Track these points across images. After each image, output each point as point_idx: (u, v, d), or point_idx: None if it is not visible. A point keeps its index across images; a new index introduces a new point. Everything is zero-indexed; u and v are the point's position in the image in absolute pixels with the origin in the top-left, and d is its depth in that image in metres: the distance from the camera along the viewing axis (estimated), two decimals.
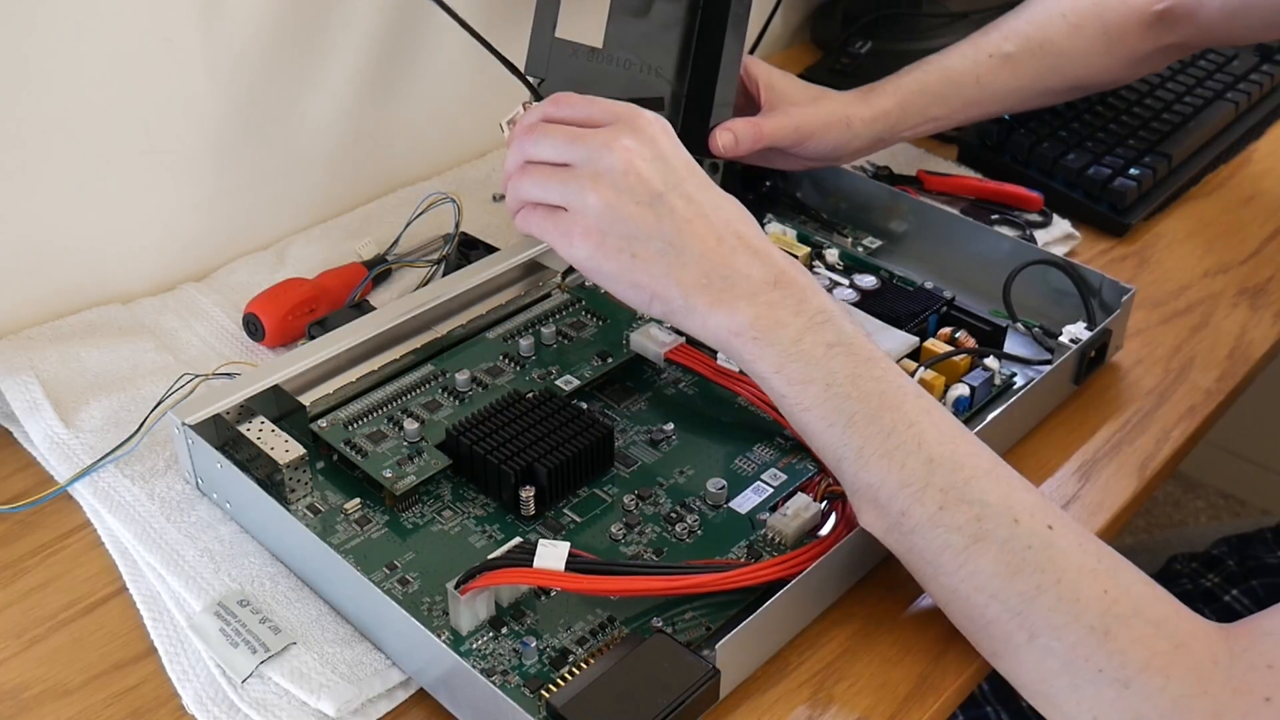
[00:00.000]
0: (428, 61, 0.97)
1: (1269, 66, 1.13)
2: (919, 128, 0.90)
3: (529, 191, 0.65)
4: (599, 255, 0.63)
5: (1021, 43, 0.91)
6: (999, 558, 0.56)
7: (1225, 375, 0.82)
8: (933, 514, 0.57)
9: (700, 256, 0.62)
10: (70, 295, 0.83)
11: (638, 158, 0.62)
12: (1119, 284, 0.80)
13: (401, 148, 0.99)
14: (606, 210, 0.62)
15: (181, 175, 0.86)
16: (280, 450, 0.67)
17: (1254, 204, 1.01)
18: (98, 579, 0.67)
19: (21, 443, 0.75)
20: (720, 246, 0.62)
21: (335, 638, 0.62)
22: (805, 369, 0.60)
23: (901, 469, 0.58)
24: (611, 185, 0.62)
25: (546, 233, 0.65)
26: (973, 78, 0.90)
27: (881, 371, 0.60)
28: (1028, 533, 0.56)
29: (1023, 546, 0.56)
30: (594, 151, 0.63)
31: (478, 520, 0.67)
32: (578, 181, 0.63)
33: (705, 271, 0.62)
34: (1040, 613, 0.55)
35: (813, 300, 0.61)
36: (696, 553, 0.65)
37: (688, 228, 0.62)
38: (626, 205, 0.62)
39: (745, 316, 0.61)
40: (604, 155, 0.63)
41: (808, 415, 0.61)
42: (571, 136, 0.64)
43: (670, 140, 0.64)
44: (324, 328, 0.78)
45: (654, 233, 0.62)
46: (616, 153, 0.62)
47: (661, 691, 0.55)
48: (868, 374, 0.60)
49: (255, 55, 0.85)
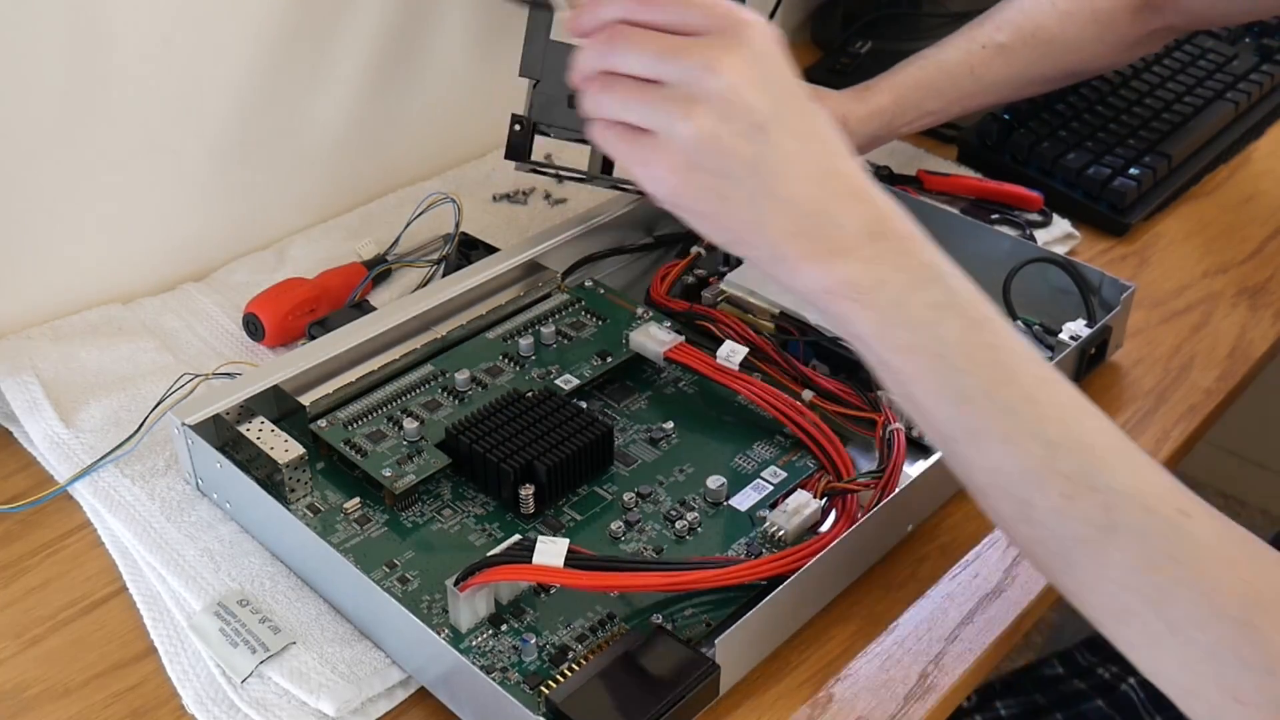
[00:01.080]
0: (428, 61, 0.97)
1: (1269, 66, 1.13)
2: (915, 123, 0.90)
3: (609, 109, 0.55)
4: (684, 191, 0.55)
5: (1014, 32, 0.92)
6: (1131, 550, 0.51)
7: (1225, 375, 0.82)
8: (1057, 504, 0.52)
9: (795, 201, 0.53)
10: (70, 295, 0.83)
11: (744, 81, 0.53)
12: (1119, 281, 0.80)
13: (401, 148, 0.99)
14: (701, 142, 0.53)
15: (181, 175, 0.86)
16: (280, 450, 0.67)
17: (1254, 204, 1.01)
18: (98, 579, 0.67)
19: (21, 443, 0.75)
20: (820, 190, 0.54)
21: (335, 637, 0.62)
22: (910, 334, 0.53)
23: (1021, 453, 0.52)
24: (711, 113, 0.53)
25: (626, 158, 0.56)
26: (967, 69, 0.91)
27: (995, 336, 0.53)
28: (1162, 522, 0.51)
29: (1158, 536, 0.51)
30: (693, 72, 0.53)
31: (477, 519, 0.67)
32: (671, 105, 0.53)
33: (799, 218, 0.53)
34: (1179, 606, 0.50)
35: (919, 253, 0.54)
36: (696, 550, 0.65)
37: (787, 167, 0.53)
38: (725, 137, 0.53)
39: (841, 273, 0.53)
40: (705, 77, 0.53)
41: (914, 388, 0.54)
42: (664, 50, 0.54)
43: (780, 55, 0.54)
44: (324, 328, 0.78)
45: (750, 171, 0.53)
46: (721, 74, 0.53)
47: (661, 687, 0.55)
48: (980, 340, 0.53)
49: (255, 55, 0.86)
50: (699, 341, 0.76)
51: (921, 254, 0.54)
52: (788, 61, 0.54)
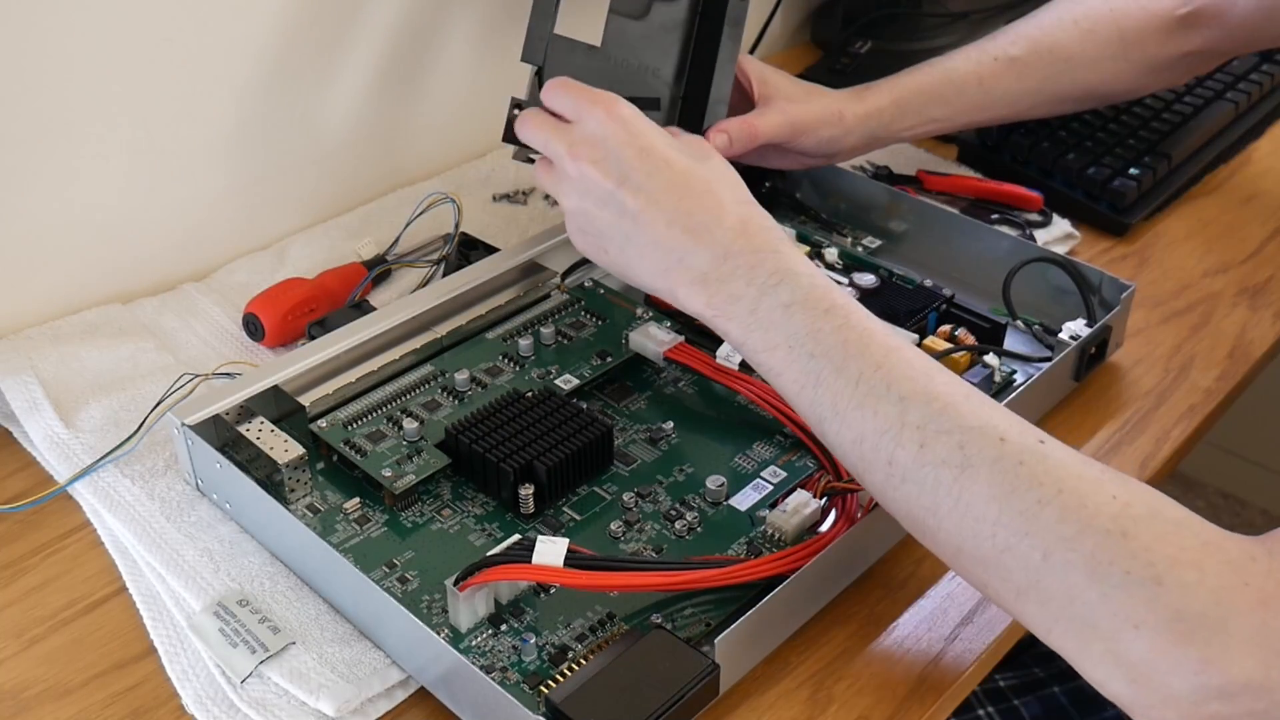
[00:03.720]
0: (428, 62, 0.97)
1: (1269, 66, 1.13)
2: (919, 128, 0.89)
3: (537, 181, 0.71)
4: (586, 250, 0.69)
5: (1029, 46, 0.90)
6: (991, 479, 0.53)
7: (1225, 375, 0.82)
8: (915, 454, 0.55)
9: (654, 244, 0.64)
10: (70, 295, 0.83)
11: (587, 161, 0.66)
12: (1119, 281, 0.80)
13: (401, 148, 0.99)
14: (577, 214, 0.68)
15: (181, 175, 0.86)
16: (280, 450, 0.67)
17: (1254, 204, 1.01)
18: (98, 579, 0.67)
19: (21, 443, 0.75)
20: (670, 230, 0.64)
21: (334, 637, 0.62)
22: (765, 335, 0.61)
23: (876, 415, 0.56)
24: (575, 190, 0.67)
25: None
26: (975, 79, 0.89)
27: (842, 320, 0.59)
28: (1017, 449, 0.54)
29: (1014, 464, 0.53)
30: (558, 158, 0.68)
31: (477, 519, 0.67)
32: (557, 185, 0.69)
33: (661, 258, 0.64)
34: (1048, 525, 0.51)
35: (767, 263, 0.62)
36: (696, 550, 0.65)
37: (639, 218, 0.64)
38: (588, 206, 0.67)
39: (703, 296, 0.63)
40: (565, 164, 0.67)
41: (782, 382, 0.61)
42: (545, 134, 0.69)
43: (623, 128, 0.66)
44: (324, 328, 0.78)
45: (613, 229, 0.66)
46: (569, 161, 0.67)
47: (661, 687, 0.55)
48: (828, 325, 0.59)
49: (255, 55, 0.86)
50: (699, 341, 0.76)
51: (769, 264, 0.62)
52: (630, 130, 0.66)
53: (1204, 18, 0.90)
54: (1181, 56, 0.92)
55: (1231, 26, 0.91)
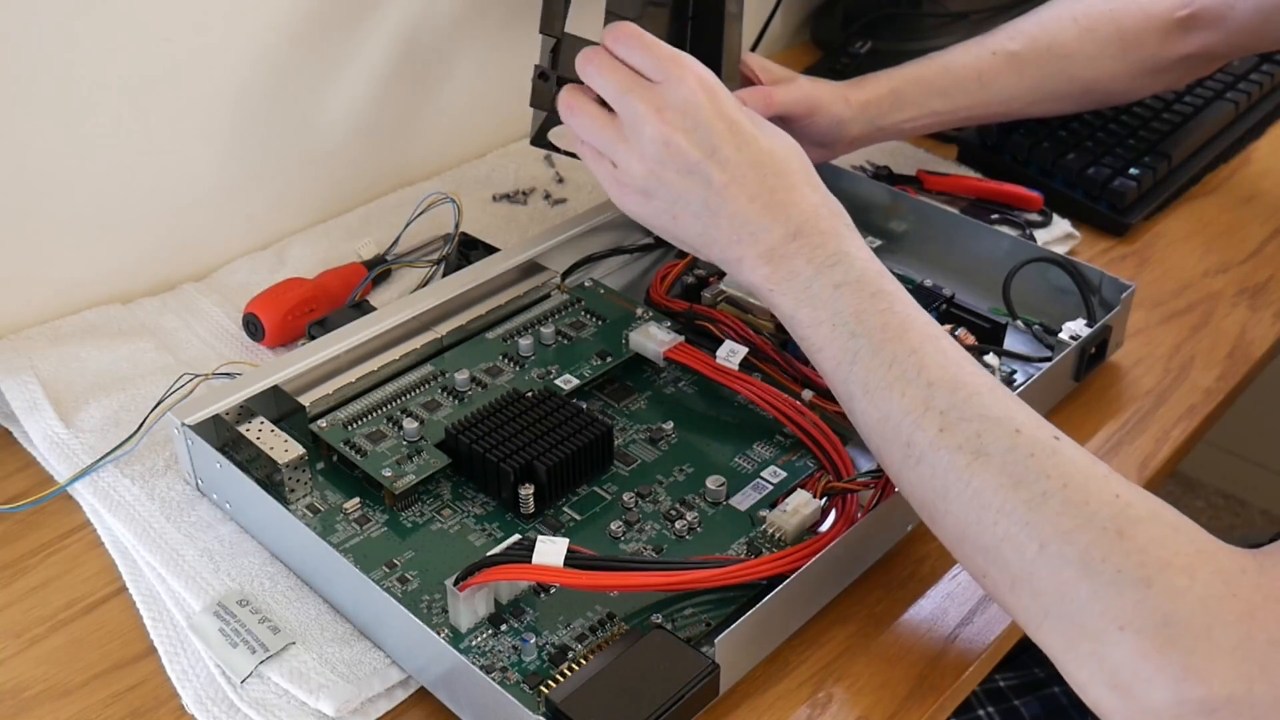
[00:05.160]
0: (428, 62, 0.97)
1: (1269, 66, 1.13)
2: (920, 120, 0.89)
3: (581, 130, 0.69)
4: (643, 213, 0.68)
5: (1027, 42, 0.90)
6: (1001, 469, 0.54)
7: (1225, 375, 0.82)
8: (934, 438, 0.56)
9: (732, 216, 0.65)
10: (70, 295, 0.83)
11: (676, 129, 0.65)
12: (1119, 281, 0.80)
13: (401, 148, 0.99)
14: (648, 177, 0.66)
15: (182, 175, 0.86)
16: (280, 450, 0.67)
17: (1254, 204, 1.01)
18: (98, 579, 0.67)
19: (21, 443, 0.75)
20: (752, 205, 0.64)
21: (334, 637, 0.62)
22: (814, 311, 0.62)
23: (903, 397, 0.58)
24: (653, 155, 0.66)
25: (598, 176, 0.69)
26: (973, 73, 0.90)
27: (888, 304, 0.61)
28: (1030, 441, 0.55)
29: (1025, 455, 0.54)
30: (637, 118, 0.66)
31: (477, 519, 0.67)
32: (622, 145, 0.67)
33: (735, 229, 0.65)
34: (1048, 517, 0.52)
35: (829, 245, 0.63)
36: (696, 550, 0.65)
37: (724, 191, 0.65)
38: (667, 173, 0.66)
39: (766, 269, 0.64)
40: (645, 125, 0.65)
41: (821, 358, 0.62)
42: (622, 86, 0.67)
43: (712, 100, 0.65)
44: (324, 328, 0.78)
45: (691, 198, 0.66)
46: (656, 125, 0.65)
47: (661, 687, 0.55)
48: (873, 308, 0.61)
49: (256, 55, 0.86)
50: (699, 341, 0.76)
51: (830, 246, 0.63)
52: (721, 103, 0.65)
53: (1203, 20, 0.90)
54: (1181, 59, 0.92)
55: (1231, 30, 0.91)
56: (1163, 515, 0.52)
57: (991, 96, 0.91)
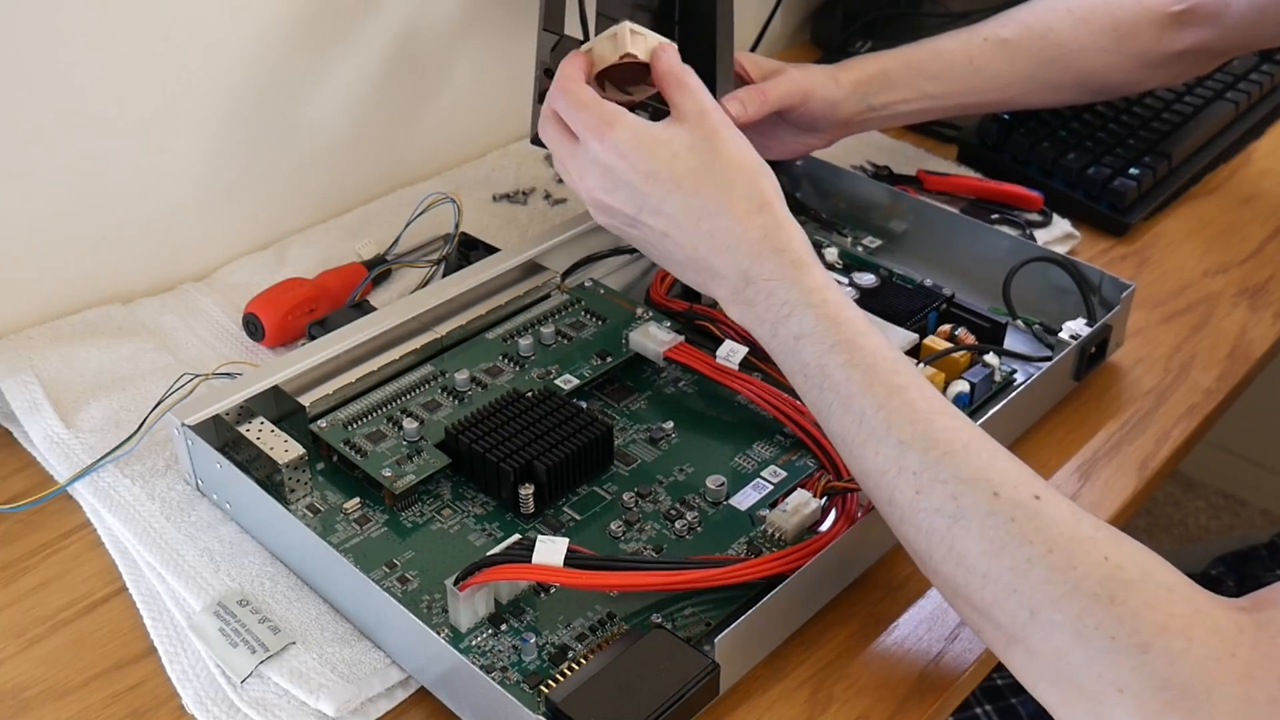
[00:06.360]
0: (428, 62, 0.97)
1: (1269, 66, 1.13)
2: (913, 103, 0.89)
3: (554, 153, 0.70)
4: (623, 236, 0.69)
5: (1020, 30, 0.90)
6: (982, 535, 0.53)
7: (1225, 375, 0.82)
8: (911, 499, 0.56)
9: (686, 262, 0.66)
10: (70, 295, 0.83)
11: (600, 191, 0.66)
12: (1119, 280, 0.80)
13: (401, 148, 0.99)
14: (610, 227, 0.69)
15: (182, 175, 0.86)
16: (280, 450, 0.67)
17: (1254, 204, 1.01)
18: (98, 579, 0.67)
19: (21, 443, 0.75)
20: (696, 251, 0.65)
21: (334, 637, 0.62)
22: (785, 362, 0.62)
23: (876, 455, 0.57)
24: (597, 208, 0.68)
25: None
26: (964, 58, 0.89)
27: (847, 355, 0.59)
28: (1009, 504, 0.53)
29: (1005, 520, 0.53)
30: (570, 177, 0.68)
31: (477, 519, 0.67)
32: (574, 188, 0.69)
33: (697, 270, 0.66)
34: (1036, 585, 0.51)
35: (778, 294, 0.62)
36: (696, 549, 0.65)
37: (667, 238, 0.65)
38: (616, 224, 0.68)
39: (737, 312, 0.65)
40: (578, 184, 0.68)
41: (805, 402, 0.62)
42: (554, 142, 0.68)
43: (623, 157, 0.64)
44: (324, 328, 0.78)
45: (648, 244, 0.67)
46: (585, 185, 0.67)
47: (661, 686, 0.55)
48: (834, 362, 0.59)
49: (255, 55, 0.86)
50: (699, 341, 0.76)
51: (780, 294, 0.62)
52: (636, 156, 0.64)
53: (1200, 15, 0.90)
54: (1177, 54, 0.92)
55: (1227, 26, 0.90)
56: (1155, 575, 0.51)
57: (985, 83, 0.90)
